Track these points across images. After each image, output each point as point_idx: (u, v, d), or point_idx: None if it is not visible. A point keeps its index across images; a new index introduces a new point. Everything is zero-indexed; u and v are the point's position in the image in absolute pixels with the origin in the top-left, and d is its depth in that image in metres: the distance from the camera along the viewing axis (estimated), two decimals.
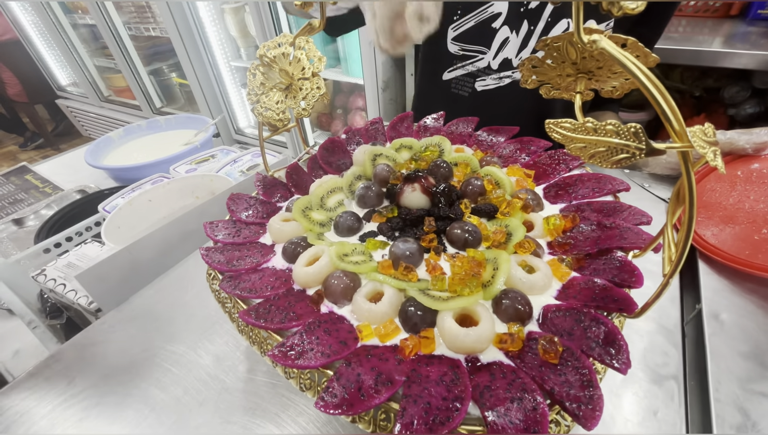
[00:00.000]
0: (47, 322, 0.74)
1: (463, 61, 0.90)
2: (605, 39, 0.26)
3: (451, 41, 0.88)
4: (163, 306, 0.68)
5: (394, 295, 0.39)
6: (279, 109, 0.40)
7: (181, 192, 0.97)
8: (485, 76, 0.89)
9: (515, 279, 0.39)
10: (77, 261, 0.78)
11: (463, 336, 0.34)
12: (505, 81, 0.88)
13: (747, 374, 0.49)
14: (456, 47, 0.89)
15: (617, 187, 0.51)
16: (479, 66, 0.88)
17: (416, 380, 0.32)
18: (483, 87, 0.90)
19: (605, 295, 0.37)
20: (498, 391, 0.31)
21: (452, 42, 0.88)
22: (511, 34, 0.82)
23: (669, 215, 0.34)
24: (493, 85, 0.89)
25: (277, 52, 0.41)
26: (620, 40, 0.31)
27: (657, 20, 0.87)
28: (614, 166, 0.29)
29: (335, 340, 0.36)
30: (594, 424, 0.28)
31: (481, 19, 0.83)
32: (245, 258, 0.47)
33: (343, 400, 0.31)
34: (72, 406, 0.53)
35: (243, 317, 0.38)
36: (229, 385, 0.53)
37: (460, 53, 0.89)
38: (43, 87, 3.33)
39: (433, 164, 0.56)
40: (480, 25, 0.84)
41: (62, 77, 3.23)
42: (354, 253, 0.44)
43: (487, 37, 0.85)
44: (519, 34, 0.82)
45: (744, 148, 0.71)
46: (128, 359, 0.58)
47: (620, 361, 0.31)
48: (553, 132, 0.32)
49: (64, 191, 1.18)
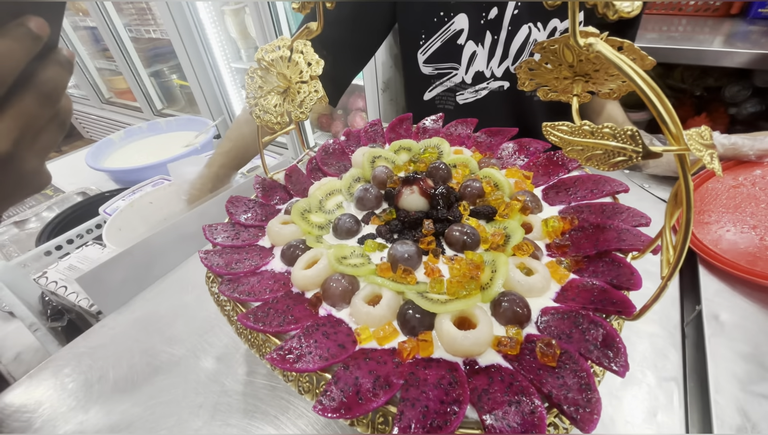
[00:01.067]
0: (48, 324, 0.75)
1: (440, 80, 0.91)
2: (601, 42, 0.26)
3: (423, 64, 0.90)
4: (163, 308, 0.68)
5: (392, 298, 0.39)
6: (277, 113, 0.40)
7: (181, 195, 0.97)
8: (462, 90, 0.91)
9: (513, 281, 0.39)
10: (78, 263, 0.78)
11: (461, 339, 0.34)
12: (481, 93, 0.89)
13: (747, 376, 0.49)
14: (429, 68, 0.90)
15: (616, 189, 0.51)
16: (455, 81, 0.90)
17: (414, 383, 0.32)
18: (463, 100, 0.92)
19: (604, 298, 0.37)
20: (496, 394, 0.31)
21: (424, 65, 0.90)
22: (477, 47, 0.84)
23: (667, 217, 0.34)
24: (472, 98, 0.91)
25: (275, 56, 0.41)
26: (616, 43, 0.31)
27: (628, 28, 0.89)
28: (611, 168, 0.29)
29: (333, 343, 0.36)
30: (592, 428, 0.28)
31: (446, 37, 0.84)
32: (244, 261, 0.47)
33: (341, 404, 0.31)
34: (73, 408, 0.53)
35: (241, 320, 0.38)
36: (229, 388, 0.53)
37: (435, 73, 0.91)
38: None
39: (432, 166, 0.56)
40: (446, 44, 0.86)
41: None
42: (352, 256, 0.44)
43: (455, 54, 0.86)
44: (484, 46, 0.84)
45: (747, 154, 0.71)
46: (128, 362, 0.58)
47: (618, 364, 0.31)
48: (551, 135, 0.32)
49: (66, 193, 1.18)
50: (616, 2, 0.24)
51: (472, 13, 0.81)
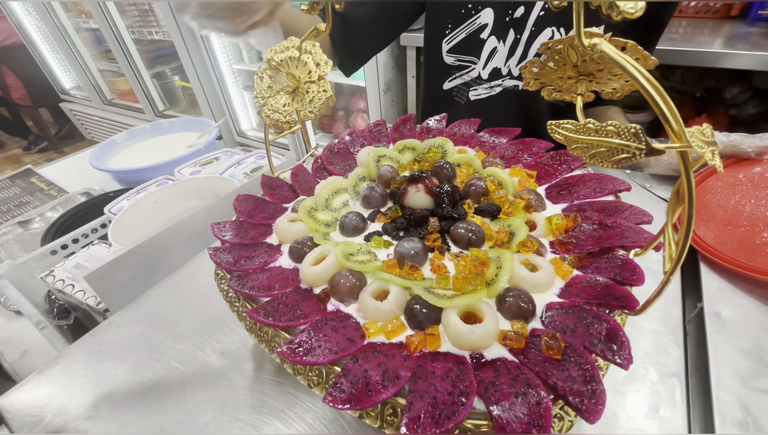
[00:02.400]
0: (55, 322, 0.75)
1: (460, 71, 0.93)
2: (605, 42, 0.27)
3: (447, 53, 0.91)
4: (170, 306, 0.68)
5: (399, 293, 0.40)
6: (286, 112, 0.41)
7: (185, 194, 0.98)
8: (477, 85, 0.92)
9: (518, 277, 0.40)
10: (85, 262, 0.79)
11: (468, 333, 0.35)
12: (496, 90, 0.90)
13: (748, 371, 0.49)
14: (452, 58, 0.92)
15: (618, 187, 0.52)
16: (472, 75, 0.91)
17: (422, 376, 0.33)
18: (475, 96, 0.93)
19: (607, 293, 0.37)
20: (502, 386, 0.32)
21: (447, 54, 0.91)
22: (499, 44, 0.85)
23: (669, 214, 0.34)
24: (485, 94, 0.92)
25: (284, 56, 0.42)
26: (620, 43, 0.31)
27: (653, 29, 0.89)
28: (615, 166, 0.30)
29: (342, 337, 0.37)
30: (597, 418, 0.29)
31: (470, 30, 0.85)
32: (253, 258, 0.48)
33: (351, 396, 0.32)
34: (80, 405, 0.54)
35: (251, 315, 0.39)
36: (236, 383, 0.54)
37: (456, 63, 0.92)
38: (47, 90, 3.35)
39: (437, 165, 0.56)
40: (469, 37, 0.86)
41: (66, 81, 3.25)
42: (359, 253, 0.45)
43: (477, 48, 0.87)
44: (506, 43, 0.84)
45: (747, 151, 0.72)
46: (136, 358, 0.59)
47: (622, 357, 0.32)
48: (555, 133, 0.33)
49: (70, 194, 1.19)
50: (620, 3, 0.25)
51: (498, 8, 0.82)
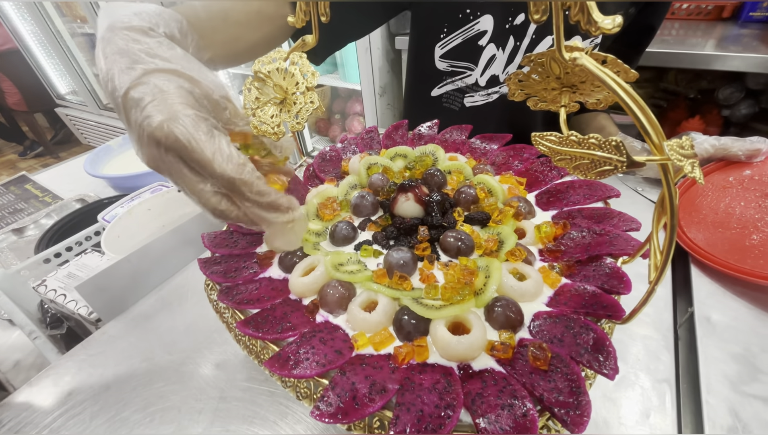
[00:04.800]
0: (48, 332, 0.75)
1: (453, 77, 0.90)
2: (585, 57, 0.27)
3: (439, 59, 0.89)
4: (162, 315, 0.68)
5: (388, 304, 0.40)
6: (274, 123, 0.41)
7: (179, 201, 0.98)
8: (473, 92, 0.90)
9: (507, 286, 0.40)
10: (77, 271, 0.79)
11: (456, 344, 0.35)
12: (493, 96, 0.89)
13: (738, 376, 0.50)
14: (444, 64, 0.89)
15: (608, 193, 0.52)
16: (468, 82, 0.89)
17: (409, 388, 0.33)
18: (471, 103, 0.91)
19: (594, 302, 0.37)
20: (489, 398, 0.32)
21: (440, 59, 0.89)
22: (498, 51, 0.83)
23: (654, 223, 0.34)
24: (482, 101, 0.90)
25: (271, 68, 0.42)
26: (600, 57, 0.32)
27: (643, 35, 0.89)
28: (598, 177, 0.30)
29: (330, 349, 0.37)
30: (582, 429, 0.29)
31: (468, 36, 0.83)
32: (242, 268, 0.48)
33: (338, 409, 0.32)
34: (73, 416, 0.53)
35: (240, 327, 0.39)
36: (228, 394, 0.53)
37: (449, 69, 0.89)
38: (43, 96, 3.34)
39: (427, 173, 0.57)
40: (466, 43, 0.84)
41: (61, 86, 3.24)
42: (349, 263, 0.45)
43: (474, 55, 0.85)
44: (505, 50, 0.83)
45: (737, 154, 0.72)
46: (128, 369, 0.59)
47: (608, 368, 0.32)
48: (540, 144, 0.33)
49: (64, 200, 1.18)
50: (597, 18, 0.25)
51: (498, 15, 0.79)
